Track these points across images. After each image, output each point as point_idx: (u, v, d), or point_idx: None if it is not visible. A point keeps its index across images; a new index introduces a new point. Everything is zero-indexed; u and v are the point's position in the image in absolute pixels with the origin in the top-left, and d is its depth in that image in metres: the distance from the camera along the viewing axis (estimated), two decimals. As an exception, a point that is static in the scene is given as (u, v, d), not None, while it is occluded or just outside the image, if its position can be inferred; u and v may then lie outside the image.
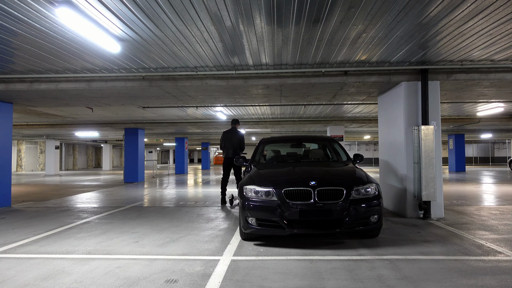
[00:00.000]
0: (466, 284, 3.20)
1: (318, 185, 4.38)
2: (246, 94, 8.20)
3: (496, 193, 10.45)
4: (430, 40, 5.09)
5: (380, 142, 8.10)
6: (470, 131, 20.47)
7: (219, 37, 4.93)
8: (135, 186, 13.92)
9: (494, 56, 5.80)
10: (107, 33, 4.64)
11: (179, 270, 3.64)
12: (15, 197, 10.31)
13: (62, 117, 13.43)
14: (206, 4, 3.90)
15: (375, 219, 4.48)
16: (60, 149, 31.79)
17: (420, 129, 6.34)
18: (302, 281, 3.32)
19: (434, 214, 6.42)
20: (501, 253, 4.14)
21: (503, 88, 8.12)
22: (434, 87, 6.61)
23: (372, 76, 6.64)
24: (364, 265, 3.74)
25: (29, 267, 3.77)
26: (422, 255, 4.10)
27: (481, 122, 14.42)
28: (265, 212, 4.38)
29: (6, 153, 8.40)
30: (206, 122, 14.89)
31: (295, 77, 6.69)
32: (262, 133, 21.07)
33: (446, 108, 11.60)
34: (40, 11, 4.00)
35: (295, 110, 12.11)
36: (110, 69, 6.42)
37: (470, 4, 3.94)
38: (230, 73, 6.59)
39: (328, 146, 6.62)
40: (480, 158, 37.25)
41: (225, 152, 8.42)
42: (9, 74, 6.68)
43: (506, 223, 5.85)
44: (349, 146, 35.73)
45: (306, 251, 4.31)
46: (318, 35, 4.88)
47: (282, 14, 4.19)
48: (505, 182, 14.42)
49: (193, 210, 7.62)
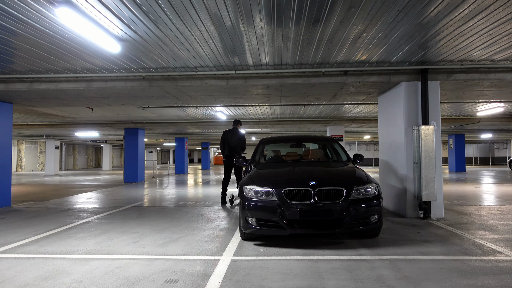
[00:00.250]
0: (466, 284, 3.20)
1: (318, 185, 4.38)
2: (246, 94, 8.20)
3: (496, 193, 10.45)
4: (430, 40, 5.09)
5: (380, 142, 8.10)
6: (470, 131, 20.47)
7: (219, 37, 4.93)
8: (135, 186, 13.92)
9: (494, 56, 5.80)
10: (107, 33, 4.64)
11: (179, 270, 3.64)
12: (15, 197, 10.31)
13: (62, 117, 13.43)
14: (206, 4, 3.90)
15: (375, 219, 4.48)
16: (60, 149, 31.80)
17: (420, 129, 6.34)
18: (302, 281, 3.31)
19: (434, 214, 6.42)
20: (501, 253, 4.14)
21: (503, 88, 8.12)
22: (434, 87, 6.61)
23: (372, 76, 6.64)
24: (364, 265, 3.74)
25: (29, 267, 3.77)
26: (422, 255, 4.10)
27: (481, 122, 14.43)
28: (265, 212, 4.38)
29: (6, 153, 8.40)
30: (206, 122, 14.90)
31: (295, 77, 6.69)
32: (262, 133, 21.08)
33: (446, 108, 11.60)
34: (40, 11, 4.00)
35: (295, 110, 12.11)
36: (110, 69, 6.42)
37: (470, 4, 3.94)
38: (230, 73, 6.59)
39: (328, 146, 6.62)
40: (480, 158, 37.26)
41: (226, 151, 8.41)
42: (9, 74, 6.68)
43: (506, 223, 5.85)
44: (349, 146, 35.74)
45: (306, 251, 4.31)
46: (318, 35, 4.88)
47: (282, 14, 4.19)
48: (505, 182, 14.42)
49: (193, 210, 7.62)
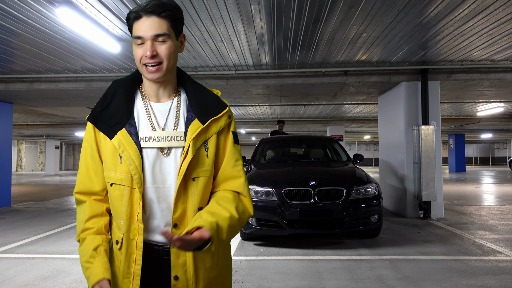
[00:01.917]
0: (466, 284, 3.20)
1: (318, 185, 4.38)
2: (246, 94, 8.20)
3: (496, 193, 10.45)
4: (430, 40, 5.08)
5: (380, 142, 8.10)
6: (470, 131, 20.47)
7: (219, 37, 4.93)
8: (135, 186, 13.91)
9: (494, 56, 5.80)
10: (107, 33, 4.64)
11: (179, 270, 3.63)
12: (15, 197, 10.31)
13: (62, 117, 13.43)
14: (206, 4, 3.90)
15: (375, 219, 4.48)
16: (60, 149, 31.79)
17: (420, 129, 6.34)
18: (302, 281, 3.31)
19: (434, 214, 6.42)
20: (501, 253, 4.14)
21: (503, 88, 8.12)
22: (434, 87, 6.61)
23: (372, 76, 6.64)
24: (364, 265, 3.74)
25: (29, 267, 3.77)
26: (422, 255, 4.10)
27: (481, 122, 14.42)
28: (265, 212, 4.38)
29: (6, 153, 8.40)
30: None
31: (295, 77, 6.69)
32: (262, 133, 21.08)
33: (446, 108, 11.60)
34: (40, 11, 4.00)
35: (295, 110, 12.11)
36: (110, 69, 6.42)
37: (470, 4, 3.93)
38: (230, 73, 6.59)
39: (328, 146, 6.62)
40: (480, 158, 37.24)
41: None
42: (9, 74, 6.68)
43: (506, 223, 5.85)
44: (349, 146, 35.73)
45: (306, 251, 4.31)
46: (318, 35, 4.87)
47: (282, 14, 4.19)
48: (505, 182, 14.42)
49: (193, 210, 7.61)
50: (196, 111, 1.16)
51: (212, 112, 1.17)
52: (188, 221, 1.12)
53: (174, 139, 1.14)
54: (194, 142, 1.12)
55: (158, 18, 1.09)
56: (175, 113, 1.18)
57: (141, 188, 1.10)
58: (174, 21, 1.13)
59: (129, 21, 1.12)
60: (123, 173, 1.11)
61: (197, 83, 1.24)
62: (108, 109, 1.15)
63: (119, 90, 1.18)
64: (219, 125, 1.18)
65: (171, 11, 1.11)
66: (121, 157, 1.11)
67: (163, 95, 1.19)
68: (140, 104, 1.18)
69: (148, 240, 1.14)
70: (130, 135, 1.12)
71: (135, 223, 1.11)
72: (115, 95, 1.17)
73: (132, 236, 1.12)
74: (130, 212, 1.12)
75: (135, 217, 1.11)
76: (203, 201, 1.16)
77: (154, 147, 1.13)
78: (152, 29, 1.08)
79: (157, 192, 1.13)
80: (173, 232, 1.11)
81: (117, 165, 1.12)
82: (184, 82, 1.23)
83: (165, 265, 1.13)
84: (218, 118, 1.18)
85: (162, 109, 1.18)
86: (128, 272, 1.12)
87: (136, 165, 1.10)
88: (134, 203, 1.12)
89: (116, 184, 1.13)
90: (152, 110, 1.18)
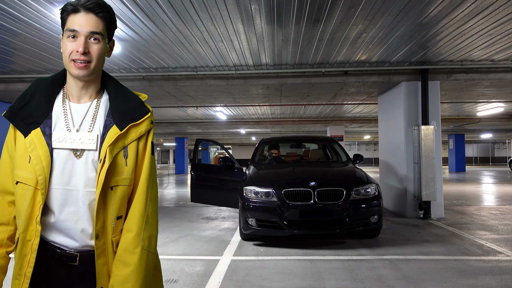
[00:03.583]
0: (466, 284, 3.20)
1: (318, 186, 4.38)
2: (246, 94, 8.20)
3: (496, 193, 10.45)
4: (430, 40, 5.08)
5: (380, 142, 8.10)
6: (470, 131, 20.47)
7: (219, 37, 4.93)
8: (135, 186, 13.90)
9: (494, 56, 5.80)
10: (107, 33, 4.63)
11: (179, 270, 3.63)
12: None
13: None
14: (206, 4, 3.90)
15: (375, 219, 4.48)
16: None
17: (420, 129, 6.34)
18: (302, 281, 3.31)
19: (434, 214, 6.42)
20: (501, 253, 4.14)
21: (503, 88, 8.12)
22: (434, 87, 6.61)
23: (372, 76, 6.64)
24: (364, 265, 3.74)
25: (29, 267, 3.76)
26: (422, 255, 4.10)
27: (481, 122, 14.42)
28: (265, 213, 4.38)
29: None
30: (206, 122, 14.90)
31: (295, 77, 6.69)
32: (262, 133, 21.08)
33: (446, 108, 11.60)
34: (40, 11, 4.00)
35: (295, 110, 12.11)
36: (110, 69, 6.42)
37: (470, 4, 3.93)
38: (230, 73, 6.59)
39: (327, 146, 6.62)
40: (480, 158, 37.25)
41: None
42: (9, 74, 6.68)
43: (506, 223, 5.85)
44: (349, 146, 35.74)
45: (306, 251, 4.31)
46: (318, 35, 4.87)
47: (282, 14, 4.19)
48: (505, 182, 14.42)
49: (193, 210, 7.62)
50: (115, 117, 1.14)
51: (131, 117, 1.15)
52: (108, 231, 1.11)
53: (87, 141, 1.11)
54: (111, 149, 1.09)
55: (96, 17, 1.09)
56: (92, 115, 1.15)
57: (44, 190, 1.07)
58: (109, 24, 1.13)
59: (64, 12, 1.10)
60: (30, 172, 1.08)
61: (122, 86, 1.22)
62: (26, 108, 1.13)
63: (40, 89, 1.16)
64: (139, 131, 1.16)
65: (109, 13, 1.12)
66: (30, 156, 1.08)
67: (85, 95, 1.16)
68: (59, 105, 1.15)
69: (53, 242, 1.12)
70: (43, 135, 1.10)
71: (33, 225, 1.08)
72: (34, 94, 1.15)
73: (28, 238, 1.09)
74: (30, 213, 1.08)
75: (34, 219, 1.08)
76: (121, 210, 1.14)
77: (66, 148, 1.10)
78: (89, 26, 1.08)
79: (65, 194, 1.10)
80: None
81: (26, 164, 1.09)
82: (108, 85, 1.20)
83: (68, 271, 1.11)
84: (138, 124, 1.16)
85: (80, 110, 1.15)
86: (19, 274, 1.09)
87: (43, 165, 1.07)
88: (36, 204, 1.08)
89: (21, 183, 1.09)
90: (70, 110, 1.15)
